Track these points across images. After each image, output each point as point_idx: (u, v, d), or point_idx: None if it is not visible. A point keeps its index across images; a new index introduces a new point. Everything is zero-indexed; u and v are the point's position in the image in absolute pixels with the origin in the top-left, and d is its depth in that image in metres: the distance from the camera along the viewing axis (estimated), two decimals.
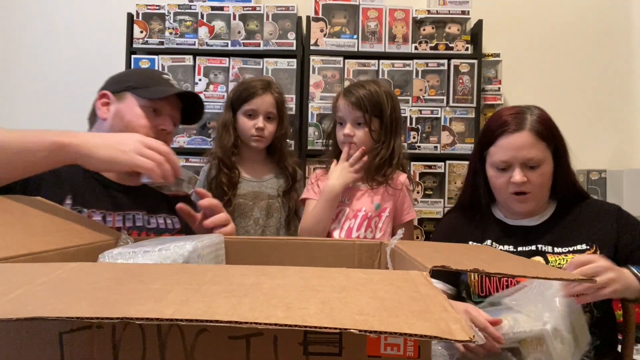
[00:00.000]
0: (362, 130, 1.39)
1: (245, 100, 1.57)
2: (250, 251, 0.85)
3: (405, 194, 1.44)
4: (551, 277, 0.54)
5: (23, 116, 2.44)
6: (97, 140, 0.79)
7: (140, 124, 1.06)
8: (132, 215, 1.03)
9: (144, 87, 1.09)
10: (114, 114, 1.08)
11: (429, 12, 2.14)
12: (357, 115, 1.38)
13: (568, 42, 2.38)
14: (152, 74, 1.18)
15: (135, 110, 1.07)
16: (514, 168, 1.12)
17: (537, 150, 1.11)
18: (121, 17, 2.17)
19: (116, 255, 0.65)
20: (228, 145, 1.57)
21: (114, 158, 0.78)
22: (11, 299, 0.36)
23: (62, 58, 2.43)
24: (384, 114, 1.39)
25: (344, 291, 0.40)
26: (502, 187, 1.16)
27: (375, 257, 0.85)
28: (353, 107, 1.37)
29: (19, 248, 0.58)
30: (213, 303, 0.35)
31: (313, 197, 1.46)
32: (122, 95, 1.09)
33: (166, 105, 1.11)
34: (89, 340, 0.41)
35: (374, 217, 1.40)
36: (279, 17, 2.15)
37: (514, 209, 1.18)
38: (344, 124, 1.41)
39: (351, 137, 1.38)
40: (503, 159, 1.13)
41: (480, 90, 2.13)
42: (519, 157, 1.11)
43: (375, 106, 1.38)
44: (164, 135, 1.11)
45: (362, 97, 1.37)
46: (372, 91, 1.39)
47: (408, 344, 0.41)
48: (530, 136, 1.12)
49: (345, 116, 1.40)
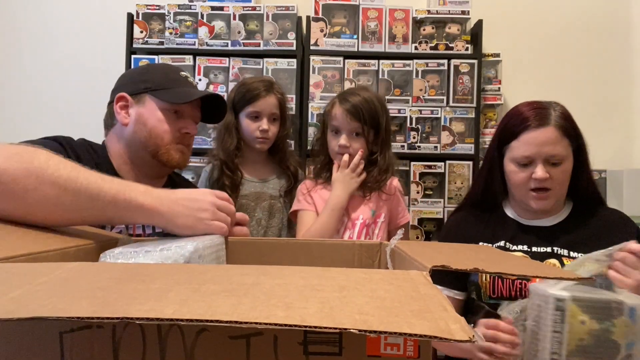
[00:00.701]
0: (359, 142, 1.36)
1: (248, 102, 1.56)
2: (250, 251, 0.85)
3: (398, 197, 1.43)
4: (551, 276, 0.54)
5: (23, 116, 2.44)
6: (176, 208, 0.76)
7: (164, 130, 1.05)
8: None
9: (163, 89, 1.06)
10: (135, 120, 1.06)
11: (429, 12, 2.14)
12: (354, 126, 1.34)
13: (568, 42, 2.38)
14: (170, 72, 1.13)
15: (157, 114, 1.05)
16: (536, 164, 1.10)
17: (561, 146, 1.09)
18: (121, 17, 2.17)
19: (117, 255, 0.65)
20: (231, 148, 1.56)
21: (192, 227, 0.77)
22: (11, 298, 0.36)
23: (62, 58, 2.43)
24: (380, 126, 1.37)
25: (344, 291, 0.40)
26: (522, 182, 1.12)
27: (375, 257, 0.85)
28: (351, 118, 1.34)
29: (19, 248, 0.58)
30: (213, 303, 0.35)
31: (307, 208, 1.42)
32: (141, 97, 1.07)
33: (188, 107, 1.09)
34: (89, 340, 0.41)
35: (371, 224, 1.38)
36: (279, 17, 2.15)
37: (531, 206, 1.14)
38: (339, 133, 1.37)
39: (347, 149, 1.35)
40: (526, 154, 1.10)
41: (480, 90, 2.13)
42: (543, 152, 1.09)
43: (373, 118, 1.35)
44: (188, 138, 1.09)
45: (360, 107, 1.34)
46: (368, 100, 1.36)
47: (408, 344, 0.41)
48: (554, 132, 1.09)
49: (341, 126, 1.36)
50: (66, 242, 0.68)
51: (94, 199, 0.72)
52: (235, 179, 1.54)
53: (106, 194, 0.72)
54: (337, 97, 1.41)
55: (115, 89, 1.11)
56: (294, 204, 1.49)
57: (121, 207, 0.73)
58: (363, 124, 1.33)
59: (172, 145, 1.07)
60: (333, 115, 1.38)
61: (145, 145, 1.06)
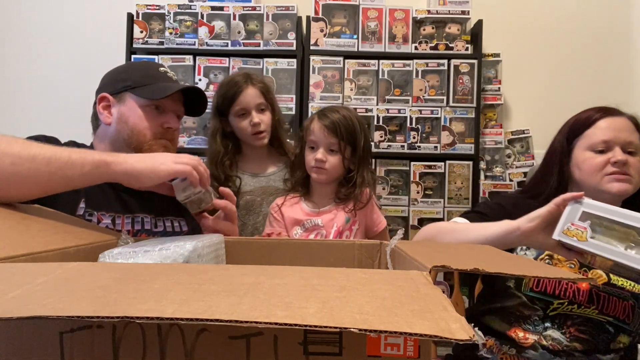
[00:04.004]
0: (335, 157, 1.35)
1: (232, 101, 1.52)
2: (250, 251, 0.85)
3: (372, 205, 1.42)
4: (551, 276, 0.54)
5: (23, 116, 2.44)
6: (136, 157, 0.85)
7: (145, 126, 1.05)
8: (141, 219, 1.03)
9: (143, 86, 1.07)
10: (117, 119, 1.06)
11: (429, 12, 2.14)
12: (331, 141, 1.34)
13: (568, 42, 2.38)
14: (149, 69, 1.13)
15: (137, 112, 1.05)
16: (614, 149, 1.07)
17: (635, 136, 1.09)
18: (121, 17, 2.17)
19: (116, 255, 0.65)
20: (218, 155, 1.53)
21: (155, 167, 0.84)
22: (11, 298, 0.36)
23: (62, 58, 2.44)
24: (357, 143, 1.37)
25: (344, 291, 0.40)
26: (598, 167, 1.08)
27: (375, 257, 0.85)
28: (328, 133, 1.34)
29: (19, 248, 0.58)
30: (213, 302, 0.35)
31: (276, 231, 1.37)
32: (121, 96, 1.07)
33: (168, 102, 1.08)
34: (89, 340, 0.41)
35: (345, 231, 1.38)
36: (279, 17, 2.15)
37: (611, 190, 1.07)
38: (315, 148, 1.36)
39: (323, 163, 1.34)
40: (604, 138, 1.08)
41: (480, 90, 2.14)
42: (621, 138, 1.08)
43: (351, 134, 1.35)
44: (170, 132, 1.09)
45: (337, 122, 1.34)
46: (347, 117, 1.36)
47: (408, 344, 0.41)
48: (629, 122, 1.10)
49: (318, 140, 1.35)
50: (66, 242, 0.68)
51: (50, 162, 0.77)
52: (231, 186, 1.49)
53: (61, 155, 0.78)
54: (317, 114, 1.41)
55: (98, 89, 1.11)
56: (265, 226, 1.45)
57: (78, 165, 0.79)
58: (340, 139, 1.33)
59: (154, 142, 1.07)
60: (311, 130, 1.37)
61: (129, 143, 1.05)
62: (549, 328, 1.02)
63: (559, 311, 1.02)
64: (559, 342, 1.01)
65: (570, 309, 1.01)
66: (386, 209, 2.08)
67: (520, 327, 1.04)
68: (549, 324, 1.03)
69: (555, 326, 1.02)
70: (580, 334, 1.01)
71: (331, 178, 1.37)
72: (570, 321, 1.02)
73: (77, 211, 0.94)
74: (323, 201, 1.40)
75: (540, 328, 1.03)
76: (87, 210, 0.96)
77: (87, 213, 0.96)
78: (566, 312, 1.02)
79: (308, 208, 1.40)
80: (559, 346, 1.00)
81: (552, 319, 1.03)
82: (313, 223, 1.37)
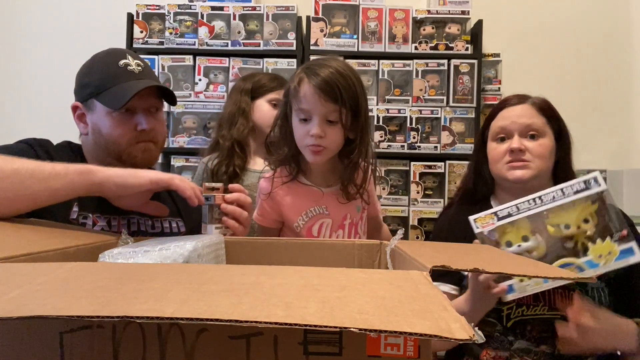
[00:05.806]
0: (335, 129, 1.03)
1: (271, 90, 1.60)
2: (250, 251, 0.85)
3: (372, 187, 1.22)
4: (551, 276, 0.54)
5: (22, 116, 2.44)
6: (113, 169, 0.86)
7: (118, 134, 1.00)
8: (137, 220, 1.02)
9: (105, 90, 1.00)
10: (92, 129, 1.03)
11: (429, 12, 2.14)
12: (329, 109, 1.01)
13: (568, 42, 2.38)
14: (110, 66, 1.04)
15: (106, 121, 1.00)
16: (513, 137, 1.10)
17: (538, 120, 1.10)
18: (121, 17, 2.17)
19: (116, 255, 0.65)
20: (245, 132, 1.57)
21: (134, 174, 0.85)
22: (11, 298, 0.36)
23: (61, 58, 2.43)
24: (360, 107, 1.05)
25: (344, 290, 0.40)
26: (499, 156, 1.12)
27: (375, 257, 0.85)
28: (326, 99, 1.00)
29: (19, 248, 0.58)
30: (213, 302, 0.35)
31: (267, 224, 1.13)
32: (89, 104, 1.02)
33: (137, 100, 0.99)
34: (89, 340, 0.41)
35: (358, 222, 1.18)
36: (279, 17, 2.15)
37: (507, 177, 1.09)
38: (308, 119, 1.03)
39: (321, 139, 1.03)
40: (502, 125, 1.12)
41: (480, 90, 2.14)
42: (519, 123, 1.10)
43: (352, 97, 1.03)
44: (146, 134, 1.02)
45: (334, 82, 1.01)
46: (343, 73, 1.03)
47: (408, 344, 0.41)
48: (531, 108, 1.11)
49: (312, 109, 1.02)
50: (66, 242, 0.68)
51: (34, 174, 0.78)
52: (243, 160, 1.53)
53: (44, 167, 0.80)
54: (304, 72, 1.05)
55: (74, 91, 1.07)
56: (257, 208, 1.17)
57: (62, 174, 0.80)
58: (341, 105, 1.00)
59: (132, 147, 1.02)
60: (301, 95, 1.03)
61: (108, 153, 1.02)
62: (514, 341, 1.02)
63: (513, 319, 1.02)
64: (528, 350, 1.00)
65: (522, 312, 1.01)
66: (386, 209, 2.08)
67: (489, 347, 1.04)
68: (512, 337, 1.02)
69: (519, 336, 1.02)
70: (542, 334, 1.00)
71: (331, 155, 1.08)
72: (530, 325, 1.01)
73: (70, 215, 0.92)
74: (322, 180, 1.12)
75: (506, 344, 1.02)
76: (80, 213, 0.94)
77: (82, 216, 0.94)
78: (521, 318, 1.02)
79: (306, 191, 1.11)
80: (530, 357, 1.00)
81: (512, 330, 1.02)
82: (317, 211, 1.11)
